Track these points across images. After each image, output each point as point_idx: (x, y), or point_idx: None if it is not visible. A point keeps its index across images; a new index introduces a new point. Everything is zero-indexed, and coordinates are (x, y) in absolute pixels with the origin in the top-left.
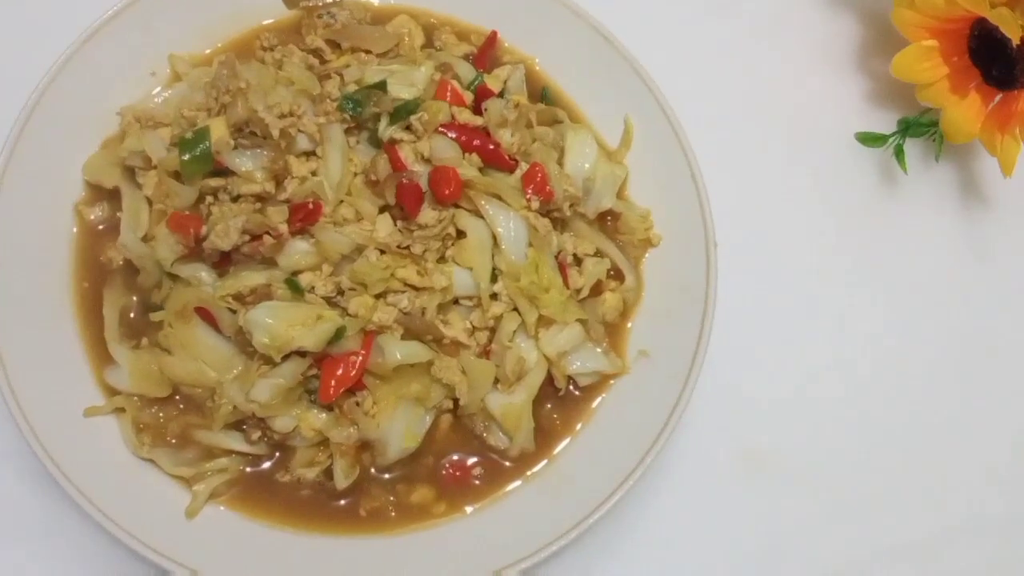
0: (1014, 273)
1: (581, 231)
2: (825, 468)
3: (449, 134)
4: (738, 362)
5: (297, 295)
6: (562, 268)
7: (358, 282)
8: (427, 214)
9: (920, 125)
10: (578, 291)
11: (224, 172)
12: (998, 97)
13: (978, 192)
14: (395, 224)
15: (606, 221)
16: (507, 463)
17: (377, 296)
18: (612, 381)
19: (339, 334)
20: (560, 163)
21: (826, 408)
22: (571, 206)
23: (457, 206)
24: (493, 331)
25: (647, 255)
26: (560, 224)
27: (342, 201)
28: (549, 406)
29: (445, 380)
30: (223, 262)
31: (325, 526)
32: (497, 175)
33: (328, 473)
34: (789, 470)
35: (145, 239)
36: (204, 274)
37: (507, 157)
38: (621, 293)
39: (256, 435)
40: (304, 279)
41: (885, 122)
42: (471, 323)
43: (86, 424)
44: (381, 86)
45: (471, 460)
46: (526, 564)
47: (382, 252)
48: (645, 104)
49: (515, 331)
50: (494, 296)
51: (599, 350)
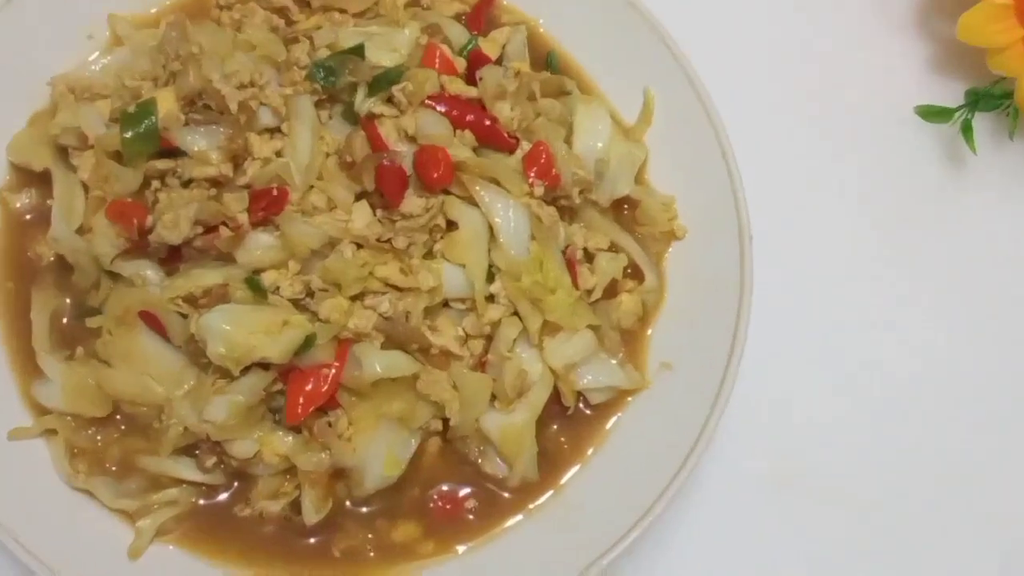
0: None
1: (593, 222)
2: (868, 492)
3: (438, 108)
4: (772, 373)
5: (259, 297)
6: (570, 265)
7: (331, 282)
8: (412, 202)
9: (991, 97)
10: (589, 292)
11: (173, 152)
12: None
13: None
14: (374, 214)
15: (622, 210)
16: (506, 494)
17: (353, 298)
18: (629, 398)
19: (308, 343)
20: (568, 142)
21: (870, 425)
22: (581, 192)
23: (447, 192)
24: (490, 339)
25: (670, 250)
26: (568, 214)
27: (312, 187)
28: (555, 427)
29: (433, 397)
30: (172, 258)
31: (292, 568)
32: (494, 156)
33: (296, 506)
34: (829, 495)
35: (80, 231)
36: (150, 272)
37: (506, 135)
38: (640, 295)
39: (211, 462)
40: (267, 278)
41: (950, 94)
42: (464, 330)
43: (10, 448)
44: (358, 51)
45: (463, 491)
46: None
47: (359, 246)
48: (668, 73)
49: (515, 339)
50: (491, 298)
51: (614, 362)
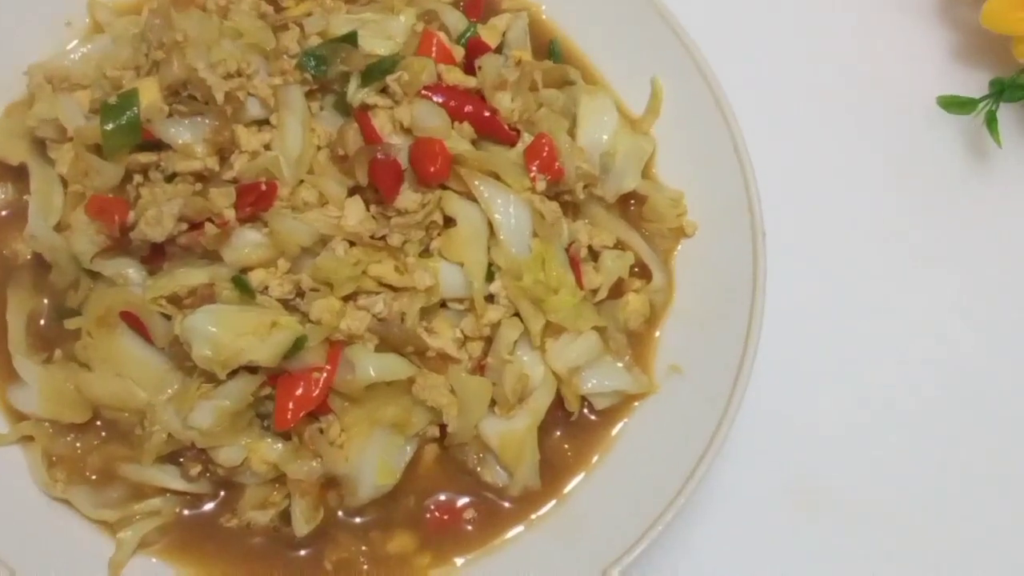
0: None
1: (598, 218)
2: (890, 508)
3: (435, 98)
4: (787, 379)
5: (247, 297)
6: (574, 264)
7: (322, 281)
8: (407, 197)
9: (1017, 87)
10: (594, 292)
11: (156, 145)
12: None
13: None
14: (368, 209)
15: (629, 206)
16: (506, 504)
17: (345, 298)
18: (636, 403)
19: (298, 345)
20: (572, 134)
21: (891, 434)
22: (585, 187)
23: (445, 187)
24: (489, 341)
25: (679, 247)
26: (572, 210)
27: (302, 181)
28: (558, 434)
29: (429, 402)
30: (155, 257)
31: None
32: (494, 149)
33: (285, 517)
34: (848, 511)
35: (59, 228)
36: (132, 271)
37: (506, 127)
38: (647, 294)
39: (196, 470)
40: (255, 277)
41: (974, 84)
42: (462, 331)
43: None
44: (350, 39)
45: (462, 501)
46: None
47: (352, 244)
48: (677, 62)
49: (516, 341)
50: (490, 298)
51: (620, 365)
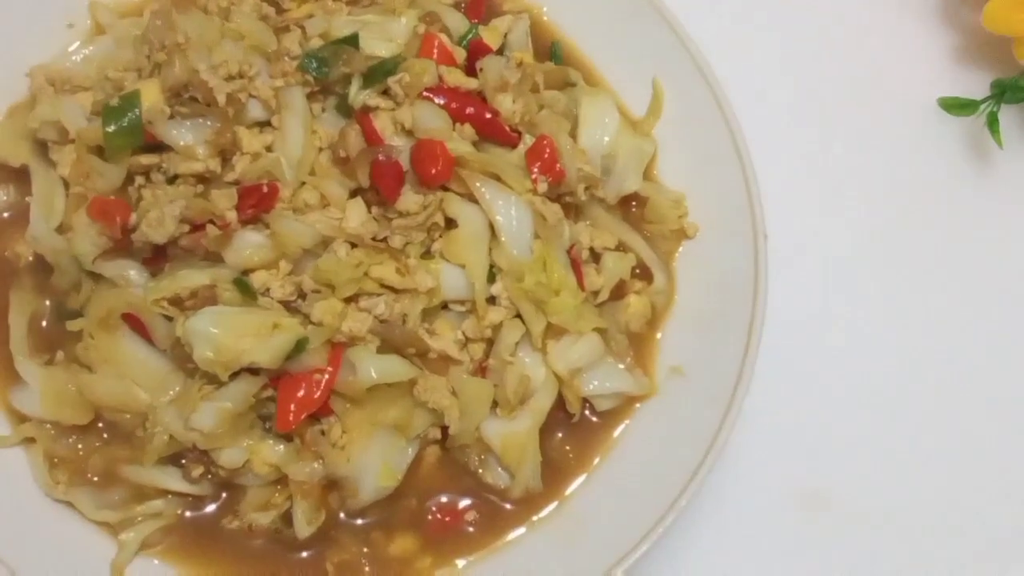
0: None
1: (599, 220)
2: (892, 509)
3: (436, 100)
4: (789, 381)
5: (248, 299)
6: (575, 265)
7: (324, 283)
8: (409, 199)
9: (1018, 89)
10: (596, 294)
11: (158, 147)
12: None
13: None
14: (369, 211)
15: (630, 207)
16: (508, 506)
17: (347, 300)
18: (638, 405)
19: (300, 347)
20: (573, 136)
21: (893, 437)
22: (587, 189)
23: (446, 189)
24: (491, 343)
25: (680, 249)
26: (573, 211)
27: (304, 183)
28: (560, 435)
29: (431, 404)
30: (157, 258)
31: None
32: (496, 151)
33: (287, 518)
34: (849, 512)
35: (60, 230)
36: (133, 273)
37: (508, 129)
38: (649, 296)
39: (198, 471)
40: (257, 279)
41: (975, 85)
42: (463, 333)
43: None
44: (352, 41)
45: (463, 502)
46: None
47: (353, 246)
48: (679, 63)
49: (518, 343)
50: (492, 300)
51: (622, 366)
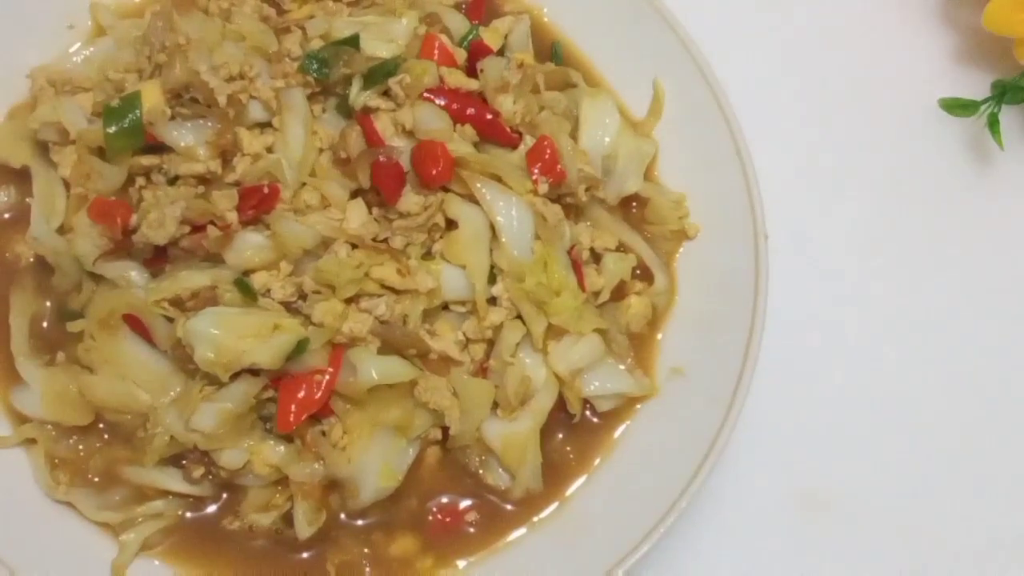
0: None
1: (600, 220)
2: (893, 509)
3: (437, 101)
4: (789, 381)
5: (249, 300)
6: (576, 266)
7: (324, 283)
8: (409, 200)
9: (1019, 89)
10: (596, 294)
11: (159, 148)
12: None
13: None
14: (370, 212)
15: (631, 208)
16: (508, 507)
17: (348, 301)
18: (638, 405)
19: (300, 348)
20: (574, 137)
21: (894, 437)
22: (587, 190)
23: (447, 190)
24: (491, 344)
25: (681, 249)
26: (574, 212)
27: (304, 184)
28: (560, 436)
29: (432, 404)
30: (157, 259)
31: None
32: (496, 152)
33: (287, 519)
34: (850, 512)
35: (61, 231)
36: (134, 274)
37: (508, 130)
38: (649, 297)
39: (198, 472)
40: (257, 280)
41: (976, 86)
42: (464, 334)
43: None
44: (352, 42)
45: (464, 503)
46: None
47: (354, 246)
48: (679, 64)
49: (518, 344)
50: (492, 301)
51: (622, 367)
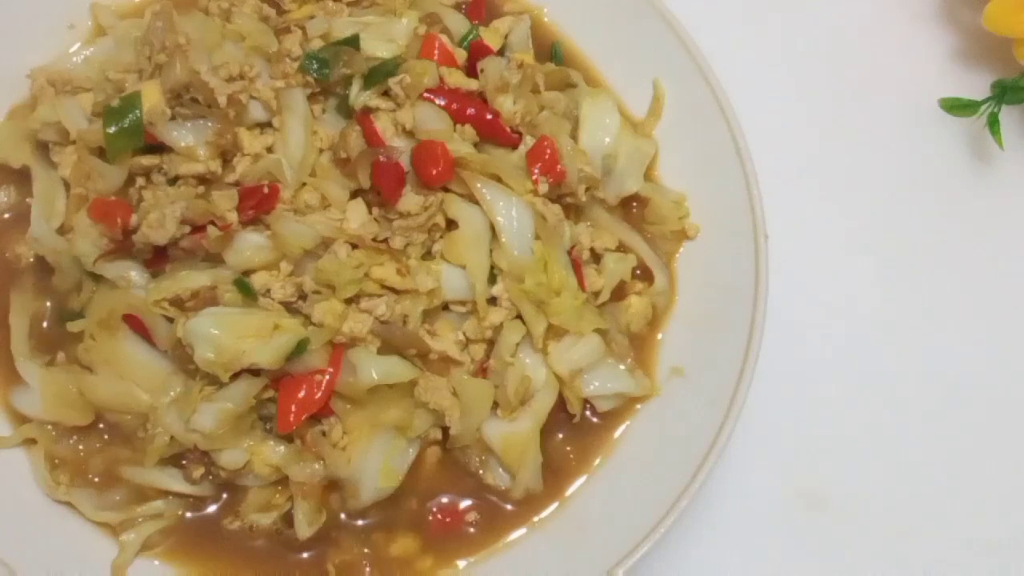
0: None
1: (600, 220)
2: (893, 509)
3: (437, 101)
4: (789, 381)
5: (249, 300)
6: (576, 266)
7: (324, 284)
8: (410, 200)
9: (1019, 89)
10: (596, 294)
11: (159, 148)
12: None
13: None
14: (370, 212)
15: (631, 208)
16: (508, 507)
17: (348, 301)
18: (638, 406)
19: (300, 348)
20: (574, 136)
21: (894, 437)
22: (588, 190)
23: (447, 190)
24: (491, 344)
25: (681, 250)
26: (574, 212)
27: (304, 184)
28: (561, 436)
29: (432, 404)
30: (157, 259)
31: None
32: (496, 152)
33: (288, 519)
34: (850, 512)
35: (61, 231)
36: (134, 274)
37: (508, 130)
38: (649, 297)
39: (198, 472)
40: (257, 280)
41: (976, 86)
42: (464, 334)
43: None
44: (353, 42)
45: (464, 503)
46: None
47: (354, 247)
48: (680, 64)
49: (518, 344)
50: (492, 301)
51: (622, 367)
